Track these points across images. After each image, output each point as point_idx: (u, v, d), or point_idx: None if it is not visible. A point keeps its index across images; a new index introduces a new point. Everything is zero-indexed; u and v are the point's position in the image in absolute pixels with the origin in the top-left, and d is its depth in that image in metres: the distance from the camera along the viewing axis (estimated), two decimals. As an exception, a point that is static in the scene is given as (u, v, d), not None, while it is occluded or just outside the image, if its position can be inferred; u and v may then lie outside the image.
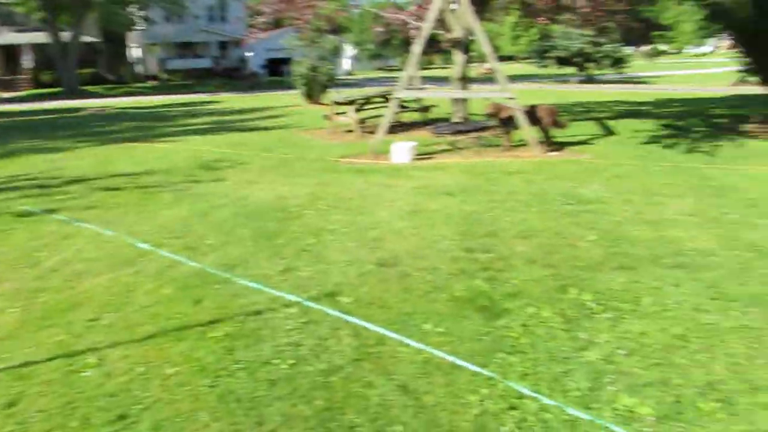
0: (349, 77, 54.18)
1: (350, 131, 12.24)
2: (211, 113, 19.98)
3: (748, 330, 3.27)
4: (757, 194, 6.45)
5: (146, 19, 38.58)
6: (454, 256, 4.56)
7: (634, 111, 15.82)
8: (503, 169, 7.94)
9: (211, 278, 4.29)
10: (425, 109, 13.35)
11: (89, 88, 36.73)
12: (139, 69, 45.74)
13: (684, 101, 18.96)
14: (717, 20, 11.25)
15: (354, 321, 3.46)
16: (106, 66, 43.01)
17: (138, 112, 21.02)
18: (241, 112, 19.88)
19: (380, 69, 70.72)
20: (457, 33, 10.56)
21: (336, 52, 18.69)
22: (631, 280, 3.99)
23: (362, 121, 11.94)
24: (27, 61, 38.78)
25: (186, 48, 46.75)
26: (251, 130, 13.86)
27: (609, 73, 33.29)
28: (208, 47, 46.88)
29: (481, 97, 10.50)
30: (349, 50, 67.90)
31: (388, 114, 8.92)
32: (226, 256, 4.77)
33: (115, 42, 43.79)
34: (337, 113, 12.51)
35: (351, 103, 12.04)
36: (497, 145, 9.80)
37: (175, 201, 6.76)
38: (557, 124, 9.49)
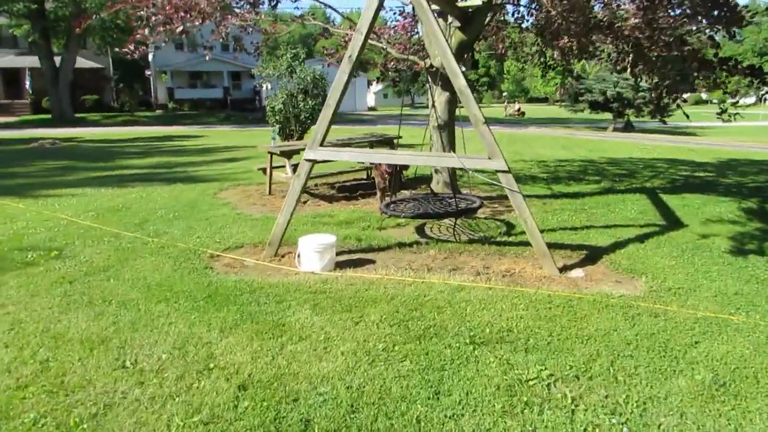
0: (368, 113, 51.14)
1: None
2: (170, 152, 16.74)
3: None
4: None
5: (152, 45, 36.30)
6: None
7: (695, 179, 11.77)
8: (475, 329, 3.92)
9: None
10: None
11: (89, 115, 34.50)
12: (149, 97, 43.54)
13: (755, 164, 14.83)
14: None
15: None
16: (114, 93, 40.91)
17: (88, 147, 17.92)
18: (201, 152, 16.56)
19: (408, 106, 67.33)
20: (436, 60, 6.86)
21: (318, 84, 15.24)
22: None
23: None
24: (29, 86, 36.75)
25: (196, 77, 44.41)
26: (174, 181, 10.37)
27: (648, 121, 29.23)
28: (221, 77, 44.44)
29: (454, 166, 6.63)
30: (375, 85, 65.10)
31: (295, 184, 5.23)
32: None
33: (126, 68, 41.76)
34: (275, 167, 8.94)
35: (288, 154, 8.41)
36: (488, 242, 5.95)
37: None
38: None
